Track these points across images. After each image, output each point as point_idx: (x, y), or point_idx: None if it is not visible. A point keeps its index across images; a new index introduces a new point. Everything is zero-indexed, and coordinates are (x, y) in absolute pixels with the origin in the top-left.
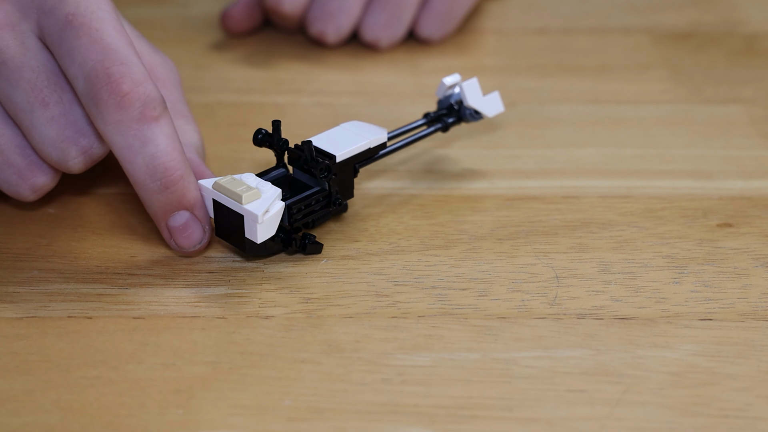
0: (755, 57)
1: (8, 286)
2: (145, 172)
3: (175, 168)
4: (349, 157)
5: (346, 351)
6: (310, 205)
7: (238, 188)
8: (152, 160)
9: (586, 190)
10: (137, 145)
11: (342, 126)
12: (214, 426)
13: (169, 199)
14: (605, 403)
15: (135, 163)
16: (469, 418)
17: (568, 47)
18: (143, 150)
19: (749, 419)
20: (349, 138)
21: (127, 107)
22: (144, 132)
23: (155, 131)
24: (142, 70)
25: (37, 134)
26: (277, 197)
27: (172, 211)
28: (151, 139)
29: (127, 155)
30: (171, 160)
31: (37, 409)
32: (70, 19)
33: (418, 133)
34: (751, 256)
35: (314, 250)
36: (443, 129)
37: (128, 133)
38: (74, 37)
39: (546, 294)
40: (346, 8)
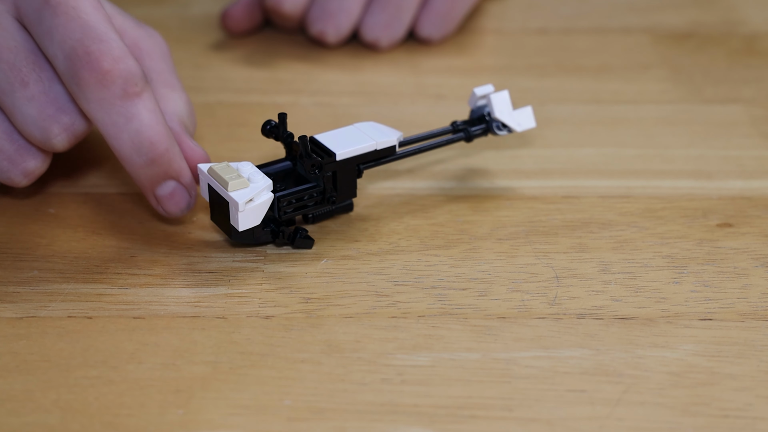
0: (755, 57)
1: (8, 286)
2: (130, 148)
3: (160, 142)
4: (351, 157)
5: (346, 351)
6: (302, 199)
7: (228, 175)
8: (137, 135)
9: (586, 190)
10: (121, 121)
11: (355, 125)
12: (214, 426)
13: (156, 172)
14: (605, 403)
15: (120, 139)
16: (469, 418)
17: (568, 47)
18: (128, 126)
19: (749, 419)
20: (356, 138)
21: (109, 85)
22: (127, 108)
23: (138, 107)
24: (121, 46)
25: (19, 115)
26: (266, 188)
27: (159, 182)
28: (135, 114)
29: (112, 132)
30: (156, 134)
31: (37, 409)
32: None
33: (438, 141)
34: (751, 256)
35: (303, 244)
36: (467, 139)
37: (112, 110)
38: (52, 16)
39: (546, 294)
40: (346, 8)
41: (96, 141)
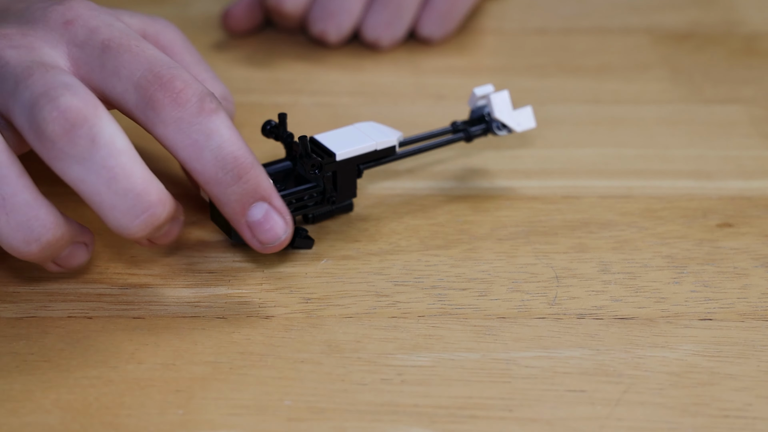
0: (755, 57)
1: (8, 286)
2: (215, 166)
3: (245, 156)
4: (351, 157)
5: (345, 351)
6: (302, 199)
7: None
8: (220, 151)
9: (586, 190)
10: (202, 139)
11: (356, 125)
12: (214, 426)
13: (245, 189)
14: (605, 403)
15: (203, 159)
16: (469, 418)
17: (568, 47)
18: (209, 143)
19: (749, 419)
20: (356, 138)
21: (185, 103)
22: (206, 125)
23: (217, 123)
24: (186, 71)
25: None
26: None
27: (250, 203)
28: (215, 130)
29: (193, 153)
30: (239, 148)
31: (37, 409)
32: (107, 44)
33: (438, 141)
34: (751, 256)
35: (303, 244)
36: (467, 139)
37: (190, 128)
38: (116, 57)
39: (546, 294)
40: (347, 8)
41: None
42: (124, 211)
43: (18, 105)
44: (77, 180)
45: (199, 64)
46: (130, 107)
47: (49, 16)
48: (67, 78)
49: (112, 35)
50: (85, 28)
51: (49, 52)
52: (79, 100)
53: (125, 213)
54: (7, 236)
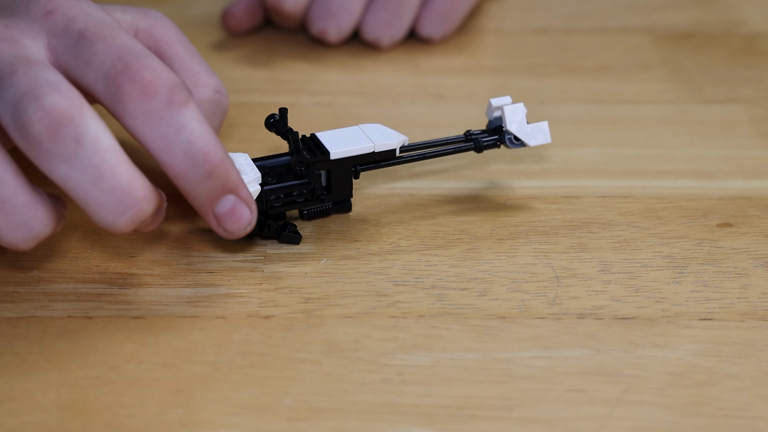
0: (755, 57)
1: (8, 286)
2: (184, 162)
3: (215, 151)
4: (346, 157)
5: (345, 351)
6: (291, 194)
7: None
8: (190, 146)
9: (586, 190)
10: (171, 133)
11: (360, 126)
12: (214, 426)
13: (214, 185)
14: (605, 402)
15: (172, 153)
16: (469, 417)
17: (568, 47)
18: (179, 137)
19: (749, 419)
20: (356, 139)
21: (153, 95)
22: (175, 118)
23: (186, 116)
24: (158, 60)
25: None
26: (254, 180)
27: (218, 197)
28: (184, 124)
29: (162, 146)
30: (209, 143)
31: (37, 409)
32: (83, 33)
33: (445, 149)
34: (751, 256)
35: (289, 239)
36: (477, 149)
37: (160, 122)
38: (89, 46)
39: (546, 294)
40: (347, 7)
41: None
42: (110, 208)
43: (2, 103)
44: (63, 178)
45: (193, 57)
46: (100, 97)
47: (31, 8)
48: (51, 75)
49: (89, 24)
50: (63, 17)
51: (30, 44)
52: (64, 99)
53: (111, 210)
54: (7, 235)
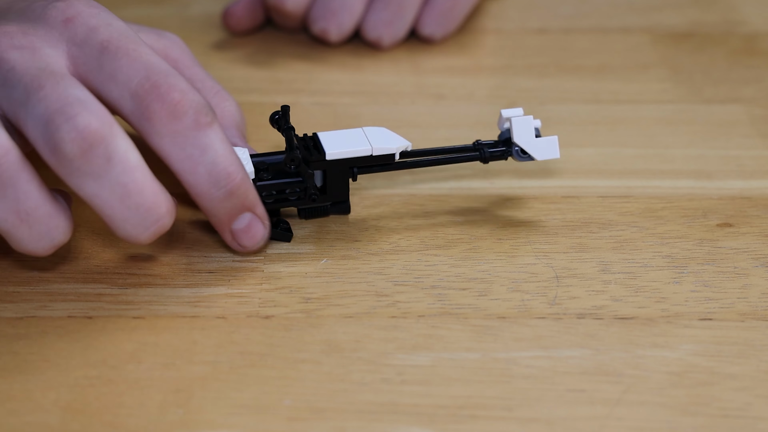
0: (755, 57)
1: (8, 286)
2: (208, 181)
3: (237, 172)
4: (342, 159)
5: (345, 351)
6: (284, 192)
7: None
8: (214, 167)
9: (586, 190)
10: (196, 153)
11: (364, 128)
12: (214, 426)
13: (234, 204)
14: (605, 402)
15: (197, 173)
16: (469, 417)
17: (568, 47)
18: (203, 158)
19: (749, 419)
20: (356, 141)
21: (181, 116)
22: (201, 139)
23: (211, 137)
24: (184, 80)
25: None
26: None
27: (236, 215)
28: (210, 145)
29: (188, 166)
30: (231, 164)
31: (37, 409)
32: (106, 45)
33: (448, 156)
34: (751, 256)
35: (280, 237)
36: (483, 160)
37: (186, 142)
38: (113, 60)
39: (546, 294)
40: (348, 6)
41: None
42: (135, 223)
43: (31, 118)
44: (91, 195)
45: (207, 80)
46: (126, 113)
47: (49, 14)
48: (80, 92)
49: (111, 36)
50: (84, 26)
51: (50, 53)
52: (96, 120)
53: (136, 225)
54: (28, 245)
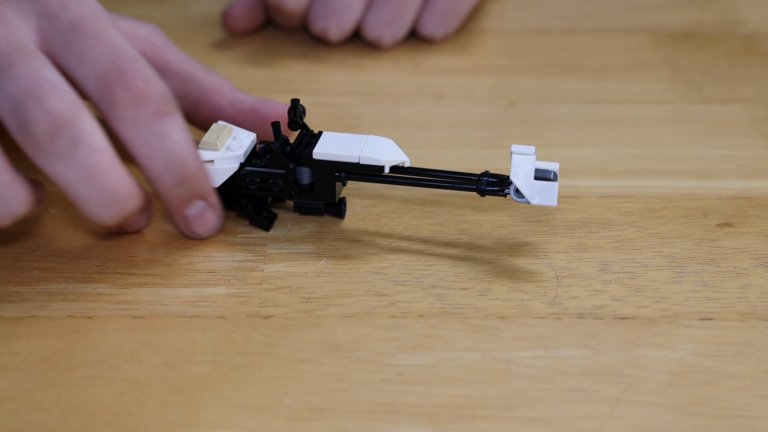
0: (755, 57)
1: (8, 286)
2: (162, 167)
3: (192, 161)
4: (328, 161)
5: (345, 351)
6: (267, 182)
7: (211, 135)
8: (170, 154)
9: (586, 190)
10: (154, 140)
11: (369, 136)
12: (214, 426)
13: (186, 191)
14: (605, 402)
15: (153, 159)
16: (469, 417)
17: (568, 47)
18: (162, 145)
19: (749, 419)
20: (351, 146)
21: (143, 103)
22: (161, 127)
23: (171, 126)
24: (150, 67)
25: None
26: (234, 158)
27: (188, 202)
28: (168, 134)
29: (145, 151)
30: (187, 153)
31: (37, 409)
32: (76, 23)
33: (444, 182)
34: (751, 256)
35: (257, 224)
36: (480, 192)
37: (145, 129)
38: (82, 40)
39: (546, 294)
40: (348, 5)
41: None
42: (98, 203)
43: (1, 95)
44: (57, 174)
45: (194, 62)
46: (90, 94)
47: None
48: (50, 73)
49: (83, 14)
50: (56, 1)
51: (19, 25)
52: (65, 103)
53: (99, 205)
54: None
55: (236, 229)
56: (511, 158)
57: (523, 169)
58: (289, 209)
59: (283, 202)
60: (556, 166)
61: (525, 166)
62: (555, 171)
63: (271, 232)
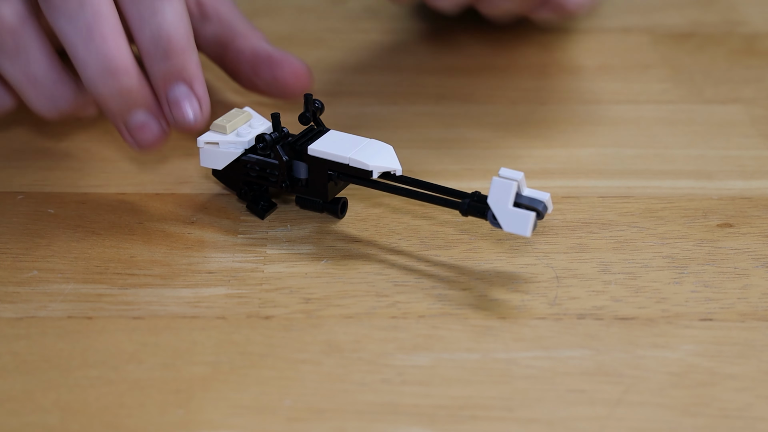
0: (755, 57)
1: (8, 286)
2: (149, 41)
3: (179, 38)
4: (320, 159)
5: (346, 351)
6: (265, 171)
7: (225, 119)
8: (158, 29)
9: (586, 190)
10: (147, 14)
11: (371, 140)
12: (214, 426)
13: (169, 68)
14: (605, 403)
15: (142, 32)
16: (469, 418)
17: (567, 47)
18: (151, 20)
19: (749, 419)
20: (346, 147)
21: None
22: (154, 3)
23: (165, 4)
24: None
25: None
26: (239, 144)
27: (171, 81)
28: (160, 10)
29: (137, 24)
30: (176, 30)
31: (37, 409)
32: None
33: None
34: (751, 256)
35: (252, 211)
36: (463, 212)
37: (140, 2)
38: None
39: (546, 294)
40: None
41: (96, 141)
42: (93, 68)
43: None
44: (61, 32)
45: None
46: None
47: None
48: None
49: None
50: None
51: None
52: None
53: (94, 70)
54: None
55: (236, 229)
56: (492, 182)
57: (502, 194)
58: (289, 209)
59: (289, 197)
60: (547, 196)
61: (503, 191)
62: (545, 202)
63: (271, 232)
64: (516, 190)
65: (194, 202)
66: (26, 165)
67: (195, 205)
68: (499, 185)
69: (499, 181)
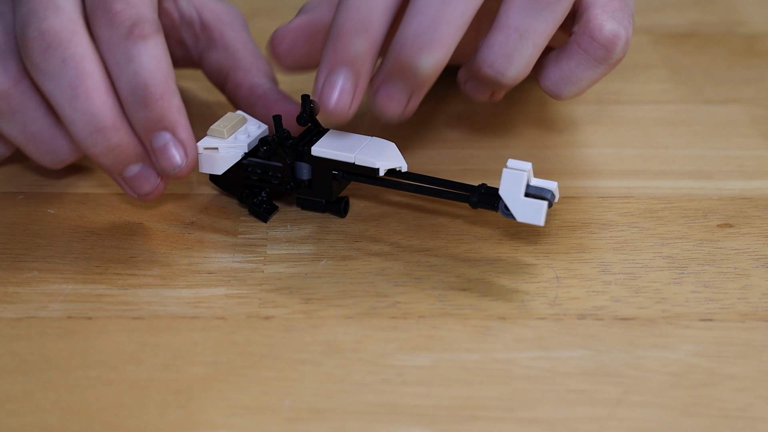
0: (755, 57)
1: (8, 286)
2: (127, 90)
3: (157, 86)
4: (324, 158)
5: (346, 351)
6: (267, 174)
7: (221, 123)
8: (134, 76)
9: (586, 190)
10: (122, 61)
11: (373, 138)
12: (214, 426)
13: (149, 117)
14: (605, 403)
15: (120, 80)
16: (469, 418)
17: None
18: (127, 67)
19: (749, 419)
20: (351, 146)
21: (117, 25)
22: (129, 49)
23: (140, 49)
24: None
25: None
26: (238, 148)
27: (153, 130)
28: (136, 56)
29: (115, 73)
30: (153, 77)
31: (37, 410)
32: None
33: (439, 190)
34: (751, 257)
35: (254, 214)
36: (472, 204)
37: (116, 50)
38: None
39: (546, 294)
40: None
41: None
42: (81, 127)
43: (17, 18)
44: (47, 92)
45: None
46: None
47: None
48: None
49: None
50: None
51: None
52: (60, 24)
53: (82, 129)
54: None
55: (236, 229)
56: (502, 173)
57: (513, 185)
58: (290, 208)
59: (288, 198)
60: (554, 185)
61: (514, 181)
62: (552, 191)
63: (271, 232)
64: (527, 180)
65: (194, 202)
66: (26, 165)
67: (195, 205)
68: (509, 176)
69: (509, 172)
